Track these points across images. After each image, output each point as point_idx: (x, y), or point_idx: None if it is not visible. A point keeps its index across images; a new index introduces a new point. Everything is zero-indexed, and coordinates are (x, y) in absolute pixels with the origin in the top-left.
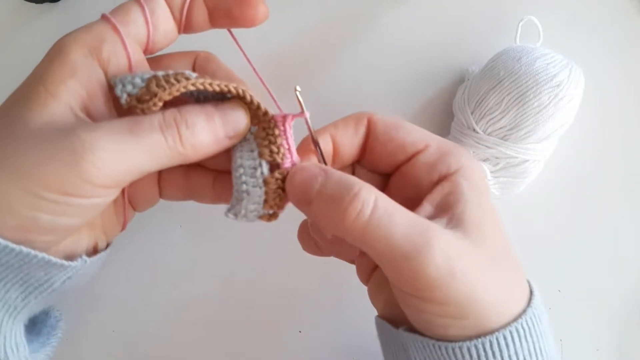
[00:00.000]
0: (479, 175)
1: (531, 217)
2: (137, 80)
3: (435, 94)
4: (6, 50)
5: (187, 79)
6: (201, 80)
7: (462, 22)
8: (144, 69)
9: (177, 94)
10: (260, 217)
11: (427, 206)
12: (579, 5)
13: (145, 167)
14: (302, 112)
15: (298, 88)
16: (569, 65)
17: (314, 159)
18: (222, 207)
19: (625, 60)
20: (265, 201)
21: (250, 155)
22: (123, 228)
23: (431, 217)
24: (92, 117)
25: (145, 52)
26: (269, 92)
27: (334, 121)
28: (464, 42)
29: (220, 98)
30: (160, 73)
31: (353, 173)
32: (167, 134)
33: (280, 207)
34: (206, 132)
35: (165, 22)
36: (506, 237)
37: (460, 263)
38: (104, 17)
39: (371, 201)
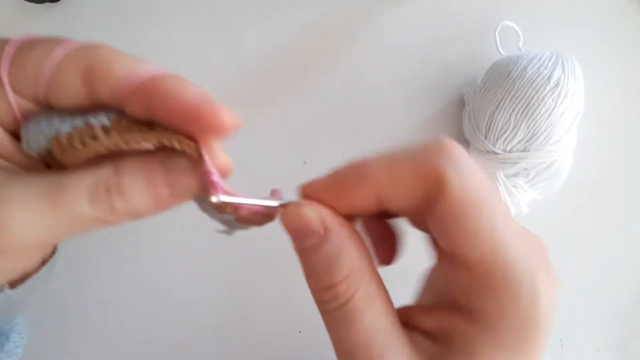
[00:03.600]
0: (530, 331)
1: (531, 216)
2: (41, 140)
3: (436, 94)
4: None
5: (96, 138)
6: (114, 141)
7: (454, 26)
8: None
9: (85, 159)
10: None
11: (438, 315)
12: (579, 5)
13: (69, 234)
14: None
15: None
16: (559, 60)
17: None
18: None
19: (625, 56)
20: (245, 223)
21: (212, 214)
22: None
23: (431, 332)
24: (5, 157)
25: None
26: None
27: (390, 157)
28: (457, 46)
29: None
30: (63, 129)
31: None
32: (96, 207)
33: (260, 224)
34: (146, 200)
35: (69, 99)
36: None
37: None
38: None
39: (345, 297)
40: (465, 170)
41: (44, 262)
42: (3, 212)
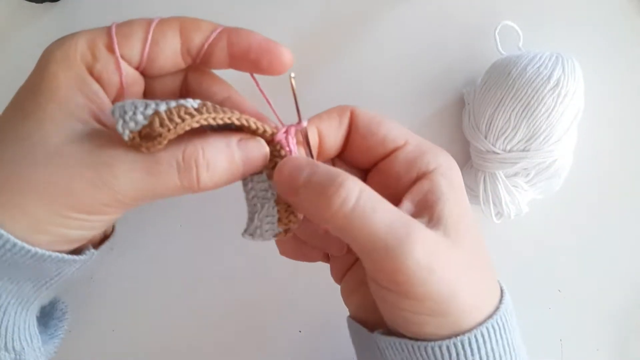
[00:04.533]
0: (457, 174)
1: (531, 217)
2: (139, 117)
3: (437, 96)
4: (6, 50)
5: (192, 115)
6: (205, 116)
7: (450, 29)
8: (136, 90)
9: (181, 132)
10: (276, 235)
11: (406, 204)
12: (579, 5)
13: (160, 197)
14: (298, 113)
15: (292, 75)
16: (559, 60)
17: (302, 153)
18: (223, 206)
19: (625, 56)
20: (279, 220)
21: (259, 178)
22: None
23: (411, 215)
24: (106, 125)
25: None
26: (270, 106)
27: (318, 114)
28: (454, 48)
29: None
30: (162, 107)
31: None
32: (183, 177)
33: (294, 222)
34: (225, 173)
35: (167, 56)
36: (481, 237)
37: (440, 260)
38: (107, 30)
39: (356, 191)
40: (367, 110)
41: (105, 237)
42: (108, 172)
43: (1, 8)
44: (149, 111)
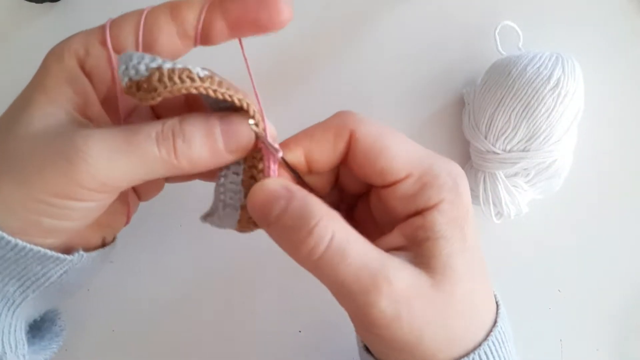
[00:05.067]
0: (461, 209)
1: (531, 217)
2: (142, 67)
3: (439, 97)
4: (6, 50)
5: (193, 79)
6: (206, 85)
7: (449, 29)
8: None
9: (177, 94)
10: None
11: (397, 234)
12: (579, 5)
13: (140, 176)
14: (270, 147)
15: (251, 122)
16: (559, 60)
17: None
18: None
19: (625, 56)
20: (239, 222)
21: (234, 179)
22: (127, 222)
23: (399, 248)
24: (91, 120)
25: None
26: (260, 109)
27: (310, 127)
28: (455, 48)
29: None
30: (167, 65)
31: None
32: (161, 147)
33: (253, 229)
34: (204, 147)
35: (164, 42)
36: (480, 270)
37: (409, 306)
38: (102, 26)
39: (327, 238)
40: (369, 120)
41: (104, 244)
42: (82, 143)
43: (1, 8)
44: (153, 65)
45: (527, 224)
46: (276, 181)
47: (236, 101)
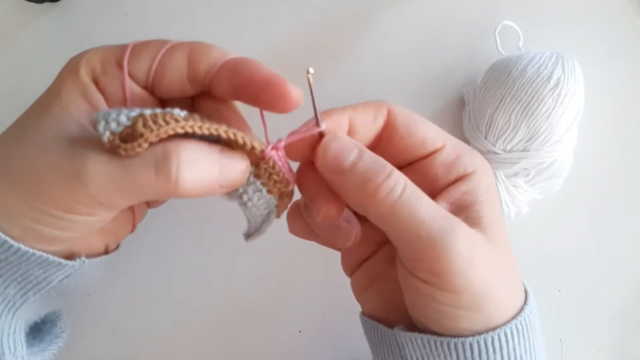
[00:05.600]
0: (492, 178)
1: (531, 217)
2: (122, 118)
3: (439, 98)
4: (6, 50)
5: (177, 120)
6: (191, 124)
7: (450, 29)
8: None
9: (164, 136)
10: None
11: (442, 203)
12: (579, 5)
13: (137, 199)
14: (315, 113)
15: (310, 70)
16: (559, 60)
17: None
18: (223, 207)
19: (625, 56)
20: (278, 212)
21: (259, 195)
22: (133, 229)
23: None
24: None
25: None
26: (264, 124)
27: (353, 104)
28: (455, 49)
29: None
30: (147, 111)
31: None
32: (161, 168)
33: (287, 207)
34: (206, 174)
35: (173, 80)
36: (510, 241)
37: (480, 256)
38: (123, 47)
39: (402, 182)
40: (403, 108)
41: (107, 250)
42: (80, 163)
43: (1, 8)
44: (134, 113)
45: (527, 224)
46: (343, 135)
47: (222, 134)
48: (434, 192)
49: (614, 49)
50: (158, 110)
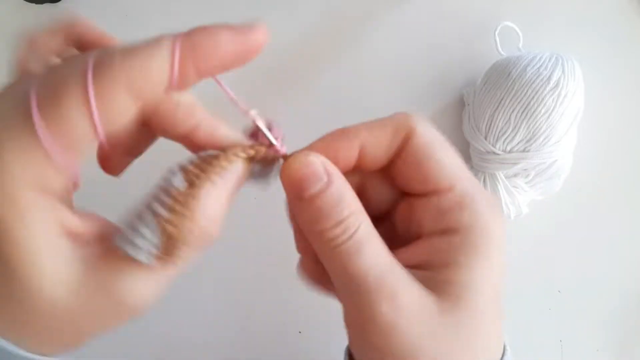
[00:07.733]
0: (491, 239)
1: (531, 217)
2: (146, 232)
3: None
4: (6, 50)
5: (194, 197)
6: (200, 189)
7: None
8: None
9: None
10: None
11: (416, 250)
12: (578, 5)
13: None
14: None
15: (253, 112)
16: (559, 61)
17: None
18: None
19: (625, 56)
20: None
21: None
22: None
23: (416, 265)
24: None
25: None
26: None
27: (372, 122)
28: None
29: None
30: (160, 210)
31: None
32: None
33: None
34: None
35: (118, 113)
36: (495, 310)
37: (408, 321)
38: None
39: (352, 230)
40: (427, 124)
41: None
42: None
43: (1, 8)
44: (151, 221)
45: (527, 224)
46: (318, 158)
47: (243, 156)
48: (419, 233)
49: (614, 49)
50: (164, 197)
